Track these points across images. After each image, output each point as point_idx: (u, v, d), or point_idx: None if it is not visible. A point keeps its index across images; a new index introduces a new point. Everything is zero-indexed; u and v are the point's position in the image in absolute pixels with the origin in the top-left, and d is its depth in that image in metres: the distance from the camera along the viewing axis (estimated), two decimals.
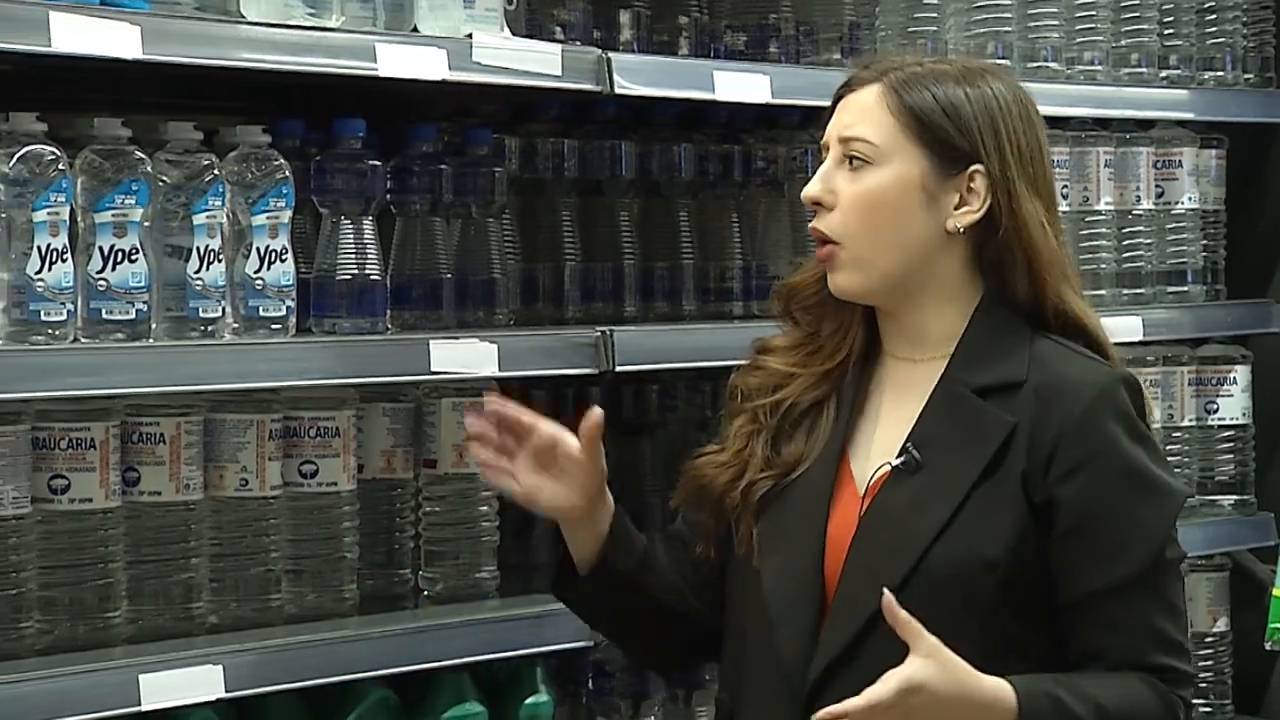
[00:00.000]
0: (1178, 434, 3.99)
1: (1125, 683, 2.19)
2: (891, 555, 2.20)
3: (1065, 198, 3.74)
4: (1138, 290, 3.89)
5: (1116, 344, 3.94)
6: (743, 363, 2.41)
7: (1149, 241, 3.93)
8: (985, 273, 2.29)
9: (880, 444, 2.28)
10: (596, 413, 2.33)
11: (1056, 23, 3.69)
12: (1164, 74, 3.93)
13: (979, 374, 2.25)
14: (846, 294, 2.29)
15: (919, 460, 2.22)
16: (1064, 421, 2.21)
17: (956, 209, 2.27)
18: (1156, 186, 3.95)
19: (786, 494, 2.29)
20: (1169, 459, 3.95)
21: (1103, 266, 3.83)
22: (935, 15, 3.49)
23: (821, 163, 2.33)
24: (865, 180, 2.27)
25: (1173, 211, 3.98)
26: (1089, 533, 2.20)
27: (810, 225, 2.31)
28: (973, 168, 2.27)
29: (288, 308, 2.70)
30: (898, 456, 2.24)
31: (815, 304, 2.34)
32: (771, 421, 2.30)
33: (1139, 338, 3.79)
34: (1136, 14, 3.86)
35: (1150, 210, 3.94)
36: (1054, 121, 3.74)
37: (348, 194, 2.82)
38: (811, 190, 2.30)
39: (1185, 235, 3.99)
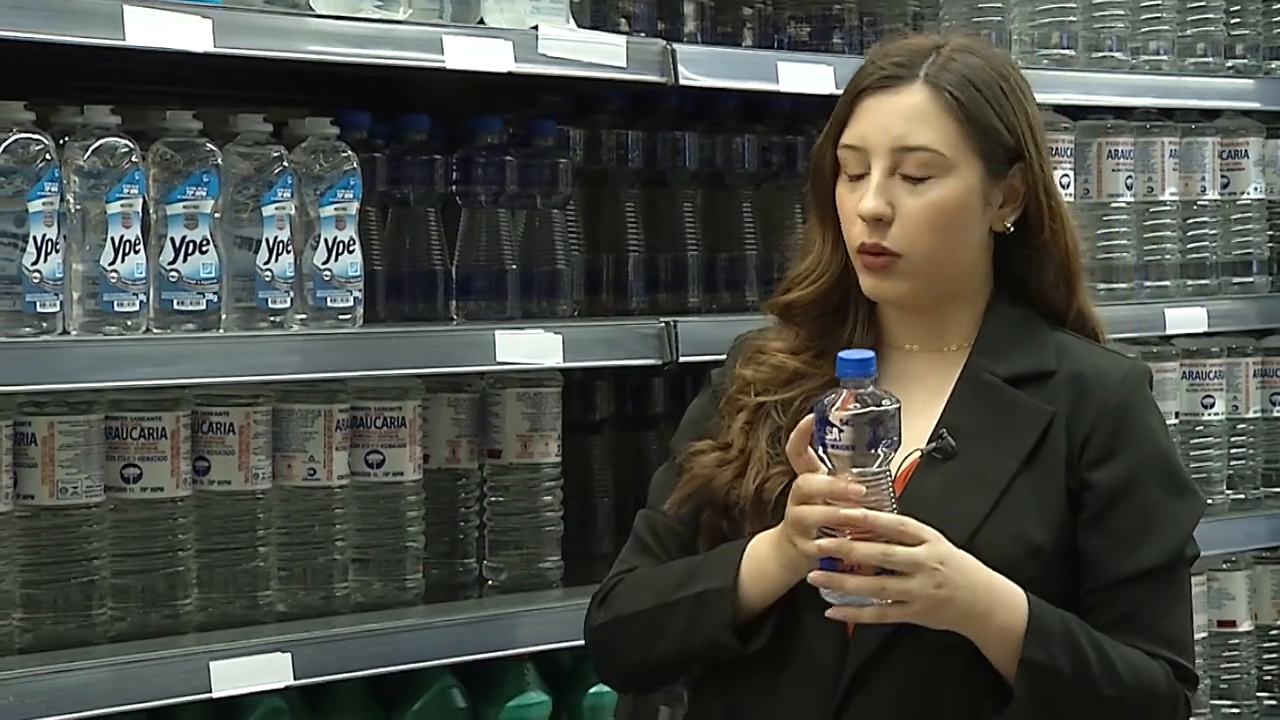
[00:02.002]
0: (1242, 425, 3.97)
1: (1137, 652, 2.15)
2: None
3: (1130, 188, 3.72)
4: (1202, 281, 3.87)
5: (1181, 335, 3.92)
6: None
7: (1214, 232, 3.90)
8: (1008, 268, 2.23)
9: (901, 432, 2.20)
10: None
11: (1121, 12, 3.67)
12: (1230, 64, 3.90)
13: (1006, 364, 2.20)
14: (892, 301, 2.22)
15: (954, 447, 2.16)
16: (1100, 409, 2.18)
17: (1001, 208, 2.21)
18: (1222, 177, 3.92)
19: None
20: (1234, 450, 3.95)
21: (1167, 257, 3.81)
22: (1000, 5, 3.47)
23: (853, 174, 2.17)
24: (931, 193, 2.16)
25: (1238, 202, 3.96)
26: (1118, 517, 2.17)
27: (864, 240, 2.17)
28: (1016, 165, 2.20)
29: (355, 299, 2.72)
30: (929, 443, 2.17)
31: (817, 316, 2.24)
32: (784, 418, 2.19)
33: (1204, 329, 3.77)
34: (1202, 3, 3.84)
35: (1215, 200, 3.91)
36: (1118, 112, 3.73)
37: (415, 186, 2.83)
38: (876, 207, 2.15)
39: (1251, 226, 3.96)
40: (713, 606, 2.14)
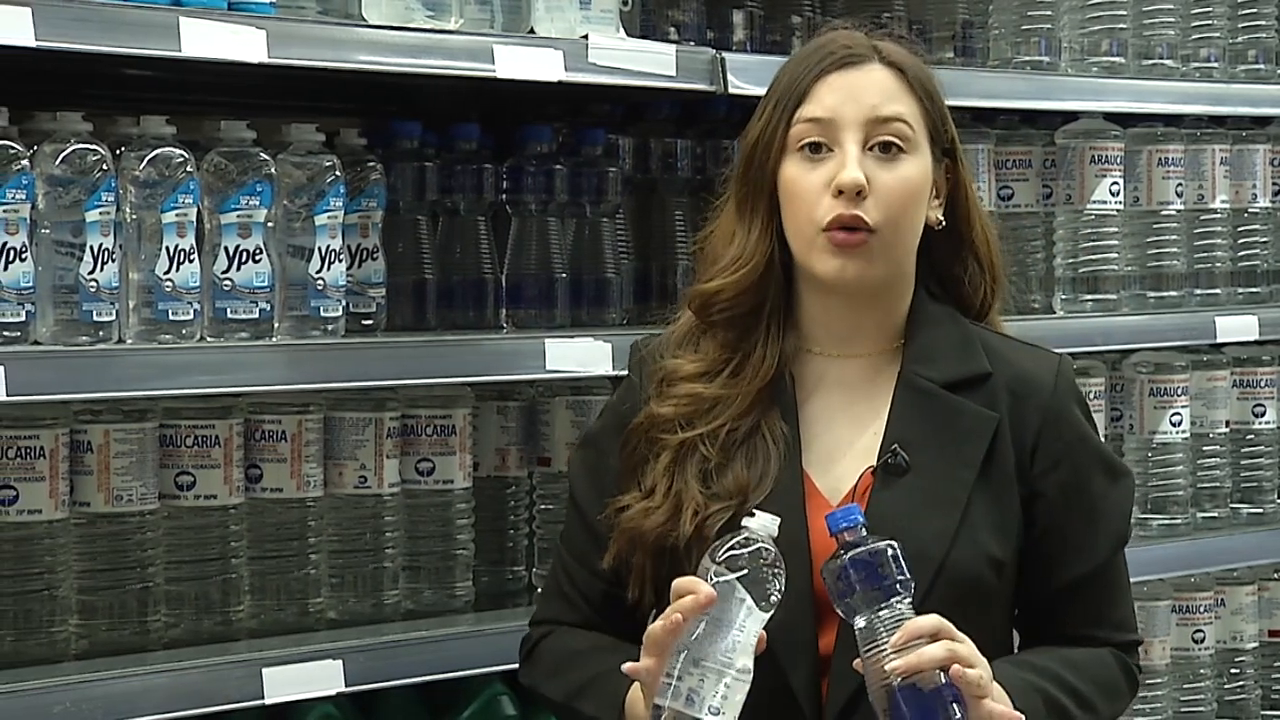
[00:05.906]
0: None
1: (1093, 656, 2.18)
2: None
3: (1180, 196, 3.70)
4: (1253, 289, 3.84)
5: (1232, 343, 3.88)
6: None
7: (1265, 240, 3.88)
8: (928, 267, 2.21)
9: (841, 448, 2.17)
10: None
11: (1172, 19, 3.64)
12: None
13: (940, 368, 2.17)
14: (851, 284, 2.14)
15: (907, 462, 2.12)
16: (1041, 414, 2.18)
17: (935, 199, 2.20)
18: (1273, 184, 3.90)
19: None
20: None
21: (1217, 265, 3.79)
22: (1049, 13, 3.46)
23: (813, 144, 2.13)
24: (903, 169, 2.14)
25: None
26: (1070, 522, 2.18)
27: (840, 213, 2.11)
28: (946, 161, 2.20)
29: (378, 305, 2.74)
30: (881, 459, 2.13)
31: (736, 314, 2.17)
32: (714, 451, 2.13)
33: (1254, 337, 3.75)
34: (1254, 9, 3.81)
35: (1267, 208, 3.89)
36: (1169, 119, 3.71)
37: (466, 195, 2.84)
38: (859, 176, 2.11)
39: None
40: None
